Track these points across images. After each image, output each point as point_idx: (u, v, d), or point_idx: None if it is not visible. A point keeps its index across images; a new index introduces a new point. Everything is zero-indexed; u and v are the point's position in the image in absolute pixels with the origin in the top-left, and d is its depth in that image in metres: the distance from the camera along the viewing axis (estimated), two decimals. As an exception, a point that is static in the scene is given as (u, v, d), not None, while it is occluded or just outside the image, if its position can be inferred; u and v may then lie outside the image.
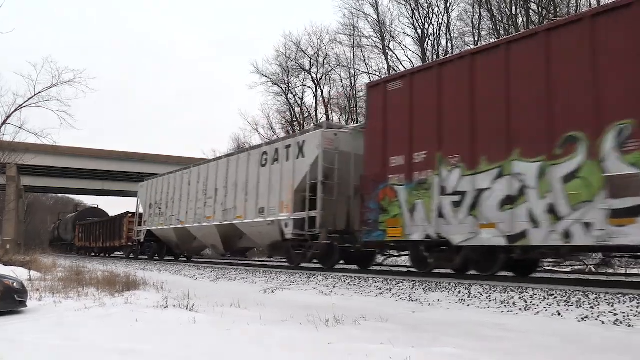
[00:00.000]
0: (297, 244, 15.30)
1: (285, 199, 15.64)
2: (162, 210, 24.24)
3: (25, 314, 8.44)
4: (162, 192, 24.70)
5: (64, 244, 52.79)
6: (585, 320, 6.66)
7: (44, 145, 27.48)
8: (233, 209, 18.41)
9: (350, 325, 6.71)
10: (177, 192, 23.04)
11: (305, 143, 15.14)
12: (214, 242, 20.35)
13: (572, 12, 25.62)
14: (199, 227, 20.78)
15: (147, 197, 26.57)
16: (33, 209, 78.39)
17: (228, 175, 19.11)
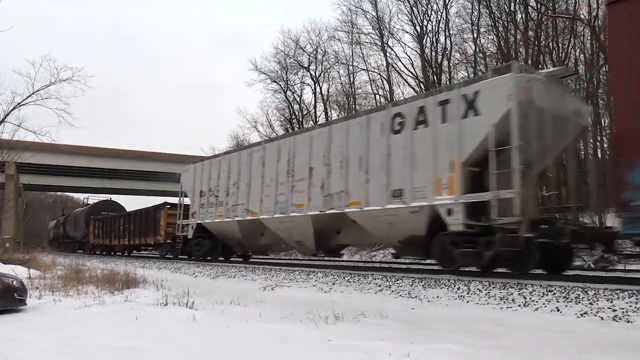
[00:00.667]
0: (464, 240, 10.89)
1: (445, 175, 11.08)
2: (219, 199, 19.24)
3: (25, 312, 8.43)
4: (219, 176, 19.50)
5: (71, 241, 47.54)
6: (584, 316, 6.68)
7: (43, 143, 27.46)
8: (343, 194, 13.58)
9: (350, 322, 6.72)
10: (243, 176, 18.08)
11: (480, 95, 10.70)
12: (301, 237, 15.61)
13: (570, 9, 25.61)
14: (280, 219, 15.93)
15: (195, 184, 21.08)
16: (32, 207, 78.30)
17: (331, 149, 14.24)
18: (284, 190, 15.85)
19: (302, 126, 40.37)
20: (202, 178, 20.65)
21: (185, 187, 22.36)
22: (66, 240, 49.06)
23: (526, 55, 26.47)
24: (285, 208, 15.71)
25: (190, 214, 21.20)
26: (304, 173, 15.10)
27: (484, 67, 29.38)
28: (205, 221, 20.09)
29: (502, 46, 27.88)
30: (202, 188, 20.50)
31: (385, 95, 34.92)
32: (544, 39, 26.57)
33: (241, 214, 17.86)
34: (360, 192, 13.08)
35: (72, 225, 46.12)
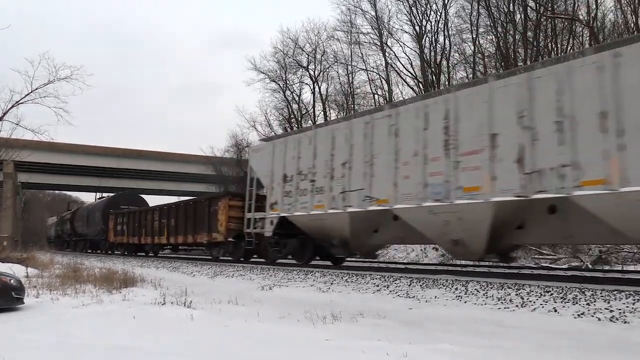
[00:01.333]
0: None
1: None
2: (317, 184, 14.44)
3: (22, 311, 8.43)
4: (316, 154, 14.67)
5: (81, 239, 41.74)
6: (581, 316, 6.69)
7: (41, 141, 27.41)
8: (567, 169, 9.07)
9: (347, 321, 6.73)
10: (359, 152, 13.26)
11: None
12: (465, 234, 11.15)
13: (570, 10, 25.64)
14: (433, 209, 11.36)
15: (275, 167, 16.36)
16: (30, 206, 78.15)
17: (534, 105, 9.76)
18: (439, 168, 11.34)
19: (301, 126, 40.34)
20: (286, 158, 15.81)
21: (258, 171, 17.67)
22: (74, 238, 43.58)
23: (525, 55, 26.49)
24: (444, 193, 11.21)
25: (268, 205, 16.35)
26: (480, 142, 10.55)
27: (483, 68, 29.43)
28: (293, 214, 15.23)
29: (500, 47, 27.89)
30: (286, 171, 15.70)
31: (384, 95, 34.93)
32: (542, 39, 26.60)
33: (358, 202, 13.07)
34: (609, 165, 8.54)
35: (83, 221, 40.65)
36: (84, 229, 40.03)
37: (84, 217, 40.54)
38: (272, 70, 40.43)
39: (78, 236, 42.40)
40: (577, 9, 25.79)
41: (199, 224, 21.84)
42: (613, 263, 16.69)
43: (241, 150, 45.85)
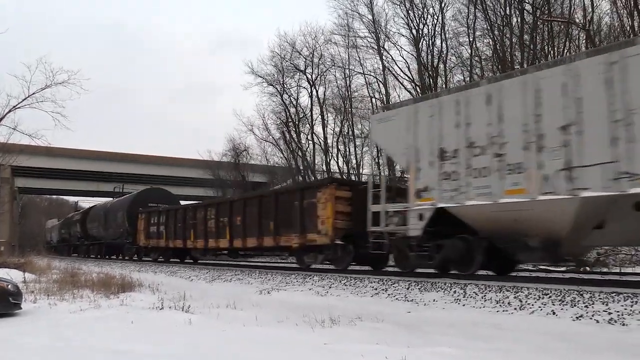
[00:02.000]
0: None
1: None
2: (507, 159, 10.11)
3: (20, 316, 8.40)
4: (502, 117, 10.26)
5: (96, 243, 36.42)
6: (580, 319, 6.70)
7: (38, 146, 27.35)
8: None
9: (346, 325, 6.72)
10: (593, 108, 8.90)
11: None
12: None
13: (566, 13, 25.74)
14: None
15: (419, 140, 11.99)
16: (27, 211, 78.03)
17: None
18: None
19: (298, 129, 40.36)
20: (443, 127, 11.42)
21: (388, 148, 13.97)
22: (87, 242, 38.52)
23: (522, 58, 26.58)
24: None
25: (412, 192, 11.95)
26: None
27: (480, 71, 29.52)
28: (462, 203, 10.85)
29: (497, 50, 27.99)
30: (443, 144, 11.38)
31: (382, 98, 34.99)
32: (539, 42, 26.69)
33: (601, 183, 8.73)
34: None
35: (98, 222, 35.21)
36: (100, 231, 34.71)
37: (99, 218, 35.03)
38: (269, 74, 40.50)
39: (91, 239, 37.50)
40: (573, 12, 25.91)
41: (284, 222, 16.56)
42: (611, 265, 16.71)
43: (239, 155, 45.88)
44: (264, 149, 44.30)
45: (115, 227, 32.09)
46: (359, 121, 37.50)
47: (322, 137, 38.91)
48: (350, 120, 37.35)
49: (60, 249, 48.57)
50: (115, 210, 32.86)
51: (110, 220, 32.83)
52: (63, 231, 47.01)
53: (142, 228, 27.65)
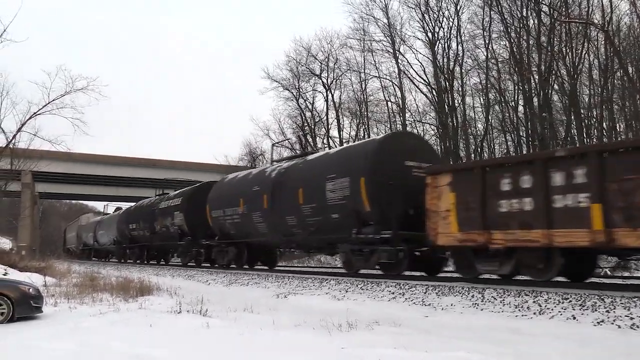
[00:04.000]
0: None
1: None
2: None
3: (41, 319, 8.53)
4: None
5: (139, 246, 30.80)
6: (601, 324, 6.60)
7: (58, 152, 27.79)
8: None
9: (363, 330, 6.70)
10: None
11: None
12: None
13: (584, 14, 25.45)
14: None
15: None
16: (47, 216, 79.15)
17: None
18: None
19: (314, 133, 40.38)
20: None
21: None
22: (130, 246, 32.25)
23: (539, 60, 26.35)
24: None
25: None
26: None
27: (496, 73, 29.31)
28: None
29: (514, 52, 27.78)
30: None
31: (397, 102, 34.91)
32: (557, 44, 26.43)
33: None
34: None
35: (150, 220, 27.82)
36: (154, 230, 27.52)
37: (150, 215, 27.83)
38: (285, 78, 40.71)
39: (134, 242, 31.21)
40: (591, 13, 25.62)
41: None
42: (633, 270, 16.43)
43: (255, 159, 46.07)
44: (280, 153, 44.47)
45: (196, 223, 22.71)
46: (375, 125, 37.46)
47: (338, 141, 38.91)
48: (366, 124, 37.32)
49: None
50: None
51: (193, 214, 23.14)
52: (99, 234, 40.22)
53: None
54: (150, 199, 31.20)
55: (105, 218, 41.11)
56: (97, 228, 40.70)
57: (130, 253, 32.97)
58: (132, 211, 33.05)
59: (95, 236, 41.21)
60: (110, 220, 38.33)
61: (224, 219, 19.51)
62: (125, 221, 32.63)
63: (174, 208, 25.01)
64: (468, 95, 32.47)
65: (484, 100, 30.95)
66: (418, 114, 34.75)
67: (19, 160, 27.14)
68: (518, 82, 27.79)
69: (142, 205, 31.51)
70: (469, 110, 32.36)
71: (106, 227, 38.28)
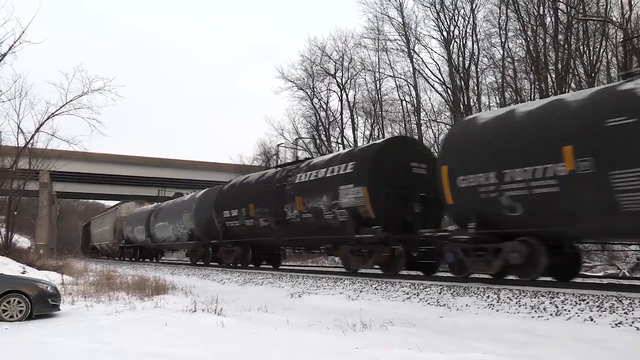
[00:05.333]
0: None
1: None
2: None
3: (58, 317, 8.63)
4: None
5: (245, 242, 20.35)
6: (619, 326, 6.50)
7: (75, 152, 28.10)
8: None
9: (377, 330, 6.69)
10: None
11: None
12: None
13: (602, 11, 25.10)
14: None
15: None
16: (64, 215, 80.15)
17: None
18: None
19: (328, 133, 40.36)
20: None
21: None
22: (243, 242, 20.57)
23: (556, 59, 26.05)
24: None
25: None
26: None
27: (513, 72, 29.03)
28: None
29: (531, 50, 27.49)
30: None
31: (412, 101, 34.76)
32: (574, 42, 26.11)
33: None
34: None
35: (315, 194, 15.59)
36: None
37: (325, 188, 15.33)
38: (299, 78, 40.72)
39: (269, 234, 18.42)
40: (609, 10, 25.25)
41: None
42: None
43: (269, 159, 46.18)
44: (295, 153, 44.51)
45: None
46: (390, 124, 37.33)
47: (353, 140, 38.85)
48: (381, 124, 37.20)
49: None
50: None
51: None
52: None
53: None
54: (260, 174, 20.48)
55: (167, 205, 29.56)
56: (153, 219, 29.92)
57: (225, 254, 21.69)
58: (226, 191, 21.86)
59: (149, 230, 30.28)
60: (177, 207, 27.05)
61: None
62: (215, 206, 21.59)
63: (340, 179, 14.59)
64: (484, 94, 32.20)
65: (499, 100, 30.65)
66: (433, 113, 34.56)
67: (37, 160, 27.49)
68: (534, 81, 27.48)
69: (249, 183, 20.30)
70: (484, 109, 32.07)
71: (170, 216, 27.41)
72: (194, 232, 24.16)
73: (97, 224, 48.04)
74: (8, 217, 24.63)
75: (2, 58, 21.04)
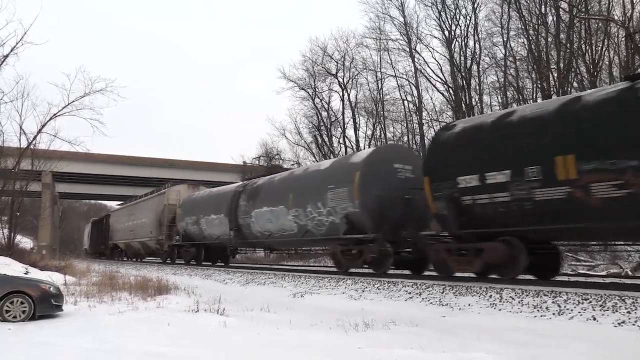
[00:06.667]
0: None
1: None
2: None
3: (61, 317, 8.65)
4: None
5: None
6: (621, 325, 6.49)
7: (78, 152, 28.18)
8: None
9: (380, 329, 6.68)
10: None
11: None
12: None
13: (604, 11, 25.04)
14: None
15: None
16: (66, 215, 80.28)
17: None
18: None
19: (330, 133, 40.35)
20: None
21: None
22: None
23: (557, 58, 26.01)
24: None
25: None
26: None
27: (514, 71, 29.00)
28: None
29: (532, 49, 27.46)
30: None
31: (414, 101, 34.73)
32: (576, 41, 26.07)
33: None
34: None
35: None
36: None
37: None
38: (301, 78, 40.71)
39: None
40: (611, 9, 25.21)
41: None
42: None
43: (271, 159, 46.18)
44: (297, 153, 44.48)
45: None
46: (391, 124, 37.32)
47: (354, 140, 38.85)
48: (382, 123, 37.19)
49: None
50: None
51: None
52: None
53: None
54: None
55: (270, 181, 19.10)
56: (245, 203, 19.34)
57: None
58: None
59: (236, 219, 19.79)
60: (307, 180, 16.74)
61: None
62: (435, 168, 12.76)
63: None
64: (485, 93, 32.17)
65: (501, 99, 30.63)
66: (435, 113, 34.56)
67: (39, 161, 27.57)
68: (536, 80, 27.45)
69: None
70: (486, 109, 32.01)
71: (287, 197, 16.90)
72: (359, 219, 14.10)
73: (123, 216, 37.25)
74: (11, 218, 24.68)
75: (5, 59, 21.13)
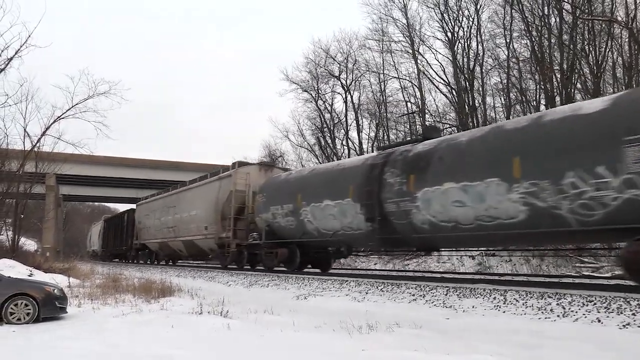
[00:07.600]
0: None
1: None
2: None
3: (65, 319, 8.67)
4: None
5: None
6: (627, 327, 6.46)
7: (81, 155, 28.24)
8: None
9: (383, 332, 6.68)
10: None
11: None
12: None
13: (607, 12, 24.99)
14: None
15: None
16: (70, 218, 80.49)
17: None
18: None
19: (333, 134, 40.36)
20: None
21: None
22: None
23: (561, 59, 25.97)
24: None
25: None
26: None
27: (518, 73, 28.96)
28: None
29: (536, 51, 27.42)
30: None
31: (417, 102, 34.71)
32: (579, 42, 26.02)
33: None
34: None
35: None
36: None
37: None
38: (304, 80, 40.80)
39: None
40: (615, 10, 25.15)
41: None
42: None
43: (274, 160, 46.22)
44: (299, 154, 44.54)
45: None
46: (394, 126, 37.32)
47: (357, 142, 38.87)
48: (385, 125, 37.19)
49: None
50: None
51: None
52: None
53: None
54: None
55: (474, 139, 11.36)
56: (399, 182, 12.36)
57: None
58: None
59: (382, 206, 12.78)
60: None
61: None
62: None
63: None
64: (489, 95, 32.13)
65: (505, 100, 30.59)
66: (438, 115, 34.54)
67: (43, 163, 27.64)
68: (540, 82, 27.40)
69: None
70: (489, 110, 32.02)
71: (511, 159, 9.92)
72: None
73: (158, 209, 29.69)
74: (15, 220, 24.74)
75: (9, 62, 21.18)
